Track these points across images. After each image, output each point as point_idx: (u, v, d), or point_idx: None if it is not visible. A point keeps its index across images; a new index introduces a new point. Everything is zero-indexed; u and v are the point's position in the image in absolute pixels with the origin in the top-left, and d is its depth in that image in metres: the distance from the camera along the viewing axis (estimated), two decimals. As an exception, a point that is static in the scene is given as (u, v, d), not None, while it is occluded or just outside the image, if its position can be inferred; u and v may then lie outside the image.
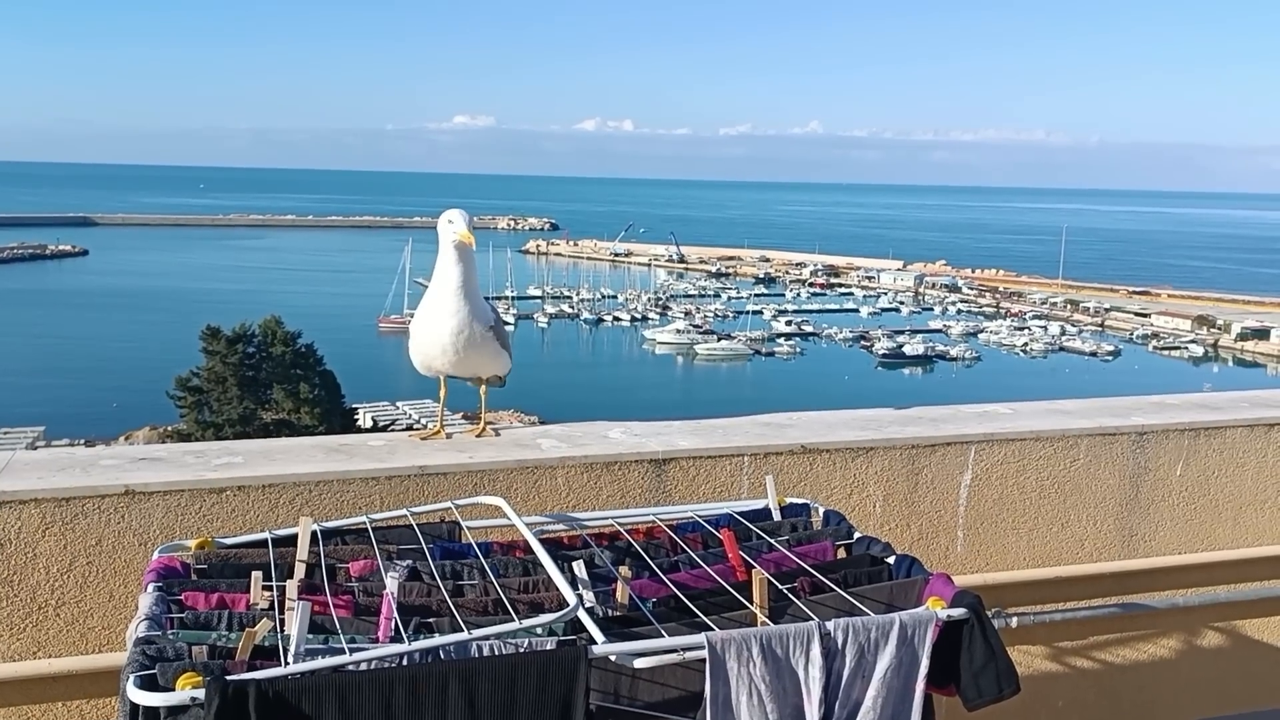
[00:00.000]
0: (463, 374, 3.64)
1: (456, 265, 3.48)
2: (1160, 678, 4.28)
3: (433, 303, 3.51)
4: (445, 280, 3.49)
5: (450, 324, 3.47)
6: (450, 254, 3.48)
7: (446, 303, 3.47)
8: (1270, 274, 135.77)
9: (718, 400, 70.16)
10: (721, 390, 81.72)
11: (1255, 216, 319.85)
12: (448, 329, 3.48)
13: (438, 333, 3.49)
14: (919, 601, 2.67)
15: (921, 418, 4.14)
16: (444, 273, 3.50)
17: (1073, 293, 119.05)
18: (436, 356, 3.54)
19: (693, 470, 3.62)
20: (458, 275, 3.48)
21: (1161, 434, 4.20)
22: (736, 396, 76.38)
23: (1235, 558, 4.32)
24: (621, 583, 2.70)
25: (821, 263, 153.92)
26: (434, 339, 3.51)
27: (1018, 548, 4.05)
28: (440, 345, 3.51)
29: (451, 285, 3.48)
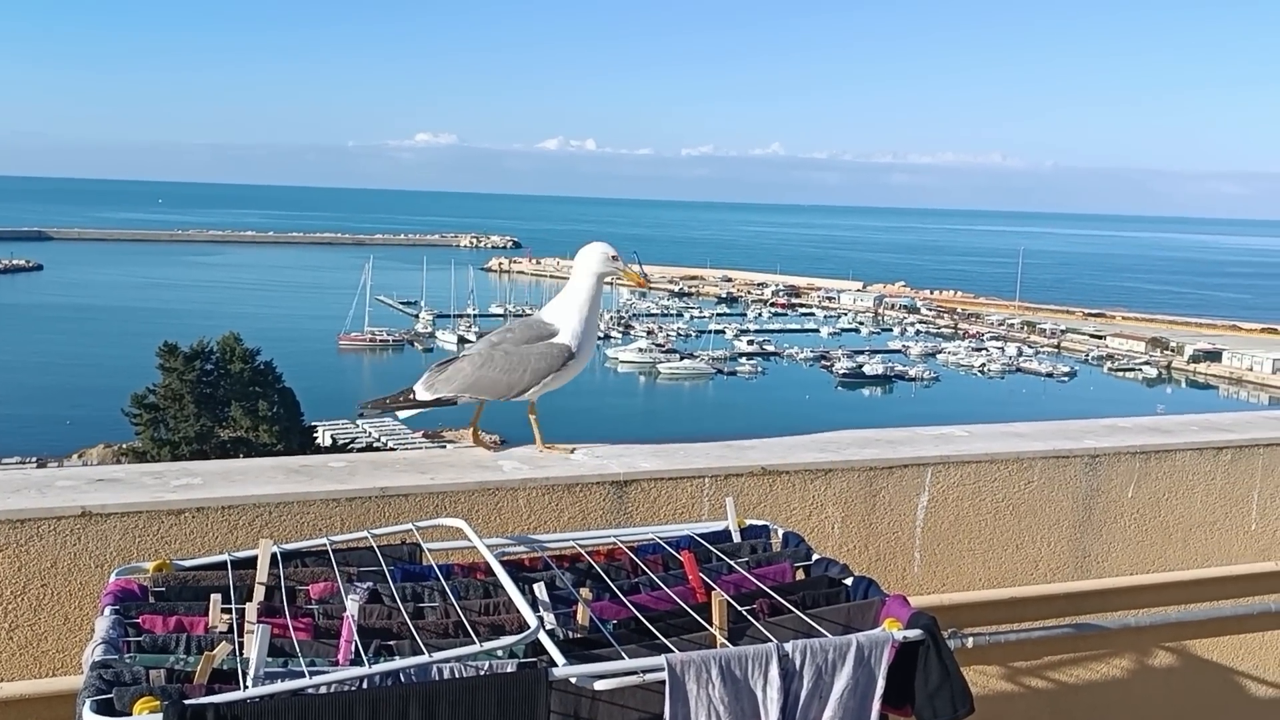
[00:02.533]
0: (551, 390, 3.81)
1: (599, 296, 3.79)
2: (1112, 697, 4.34)
3: (591, 330, 3.75)
4: (596, 309, 3.79)
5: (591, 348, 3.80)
6: (598, 284, 3.76)
7: (595, 330, 3.78)
8: (1222, 297, 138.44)
9: (680, 419, 70.26)
10: (684, 409, 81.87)
11: (1207, 240, 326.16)
12: (590, 351, 3.80)
13: (589, 356, 3.80)
14: (876, 623, 2.71)
15: (879, 440, 4.19)
16: (595, 302, 3.78)
17: (1029, 314, 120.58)
18: (565, 380, 3.79)
19: (654, 492, 3.65)
20: (599, 305, 3.82)
21: (1113, 456, 4.28)
22: (699, 416, 76.56)
23: (1185, 578, 4.41)
24: (582, 605, 2.72)
25: (783, 283, 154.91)
26: (584, 362, 3.80)
27: (973, 568, 4.11)
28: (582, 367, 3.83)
29: (597, 314, 3.80)
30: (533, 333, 3.76)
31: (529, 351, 3.71)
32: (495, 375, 3.71)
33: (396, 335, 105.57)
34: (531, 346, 3.72)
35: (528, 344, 3.73)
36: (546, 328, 3.76)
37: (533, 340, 3.74)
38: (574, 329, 3.72)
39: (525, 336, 3.76)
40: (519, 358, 3.70)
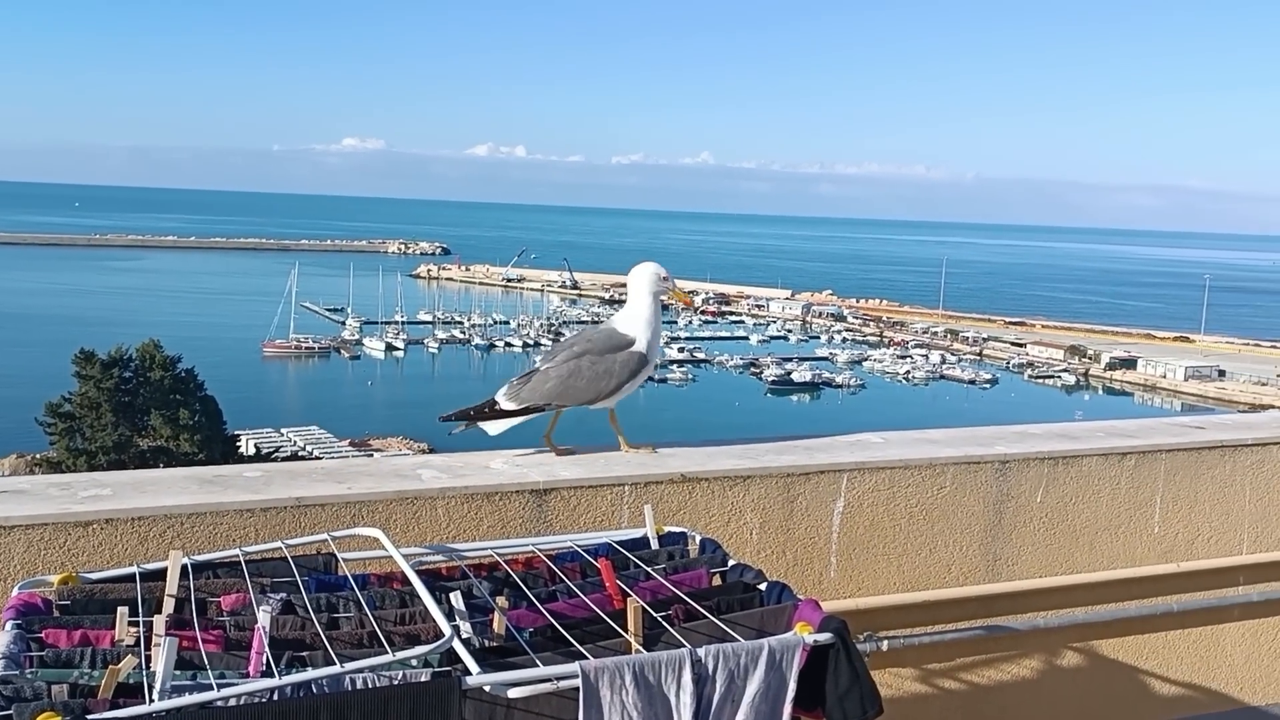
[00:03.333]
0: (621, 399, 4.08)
1: (659, 310, 4.07)
2: (1022, 697, 4.46)
3: (657, 341, 4.04)
4: (659, 322, 4.08)
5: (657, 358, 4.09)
6: (655, 300, 4.03)
7: (660, 339, 4.09)
8: (1136, 306, 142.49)
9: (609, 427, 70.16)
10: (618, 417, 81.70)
11: (1122, 251, 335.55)
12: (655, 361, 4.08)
13: (654, 365, 4.09)
14: (788, 627, 2.75)
15: (797, 447, 4.26)
16: (657, 315, 4.05)
17: (952, 323, 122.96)
18: (639, 385, 4.06)
19: (574, 500, 3.66)
20: (660, 318, 4.10)
21: (1023, 462, 4.40)
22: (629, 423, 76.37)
23: (1092, 580, 4.54)
24: (498, 613, 2.73)
25: (713, 291, 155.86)
26: (652, 370, 4.09)
27: (888, 572, 4.19)
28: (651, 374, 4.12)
29: (660, 326, 4.10)
30: (613, 343, 3.99)
31: (613, 360, 3.94)
32: (583, 384, 3.91)
33: (323, 343, 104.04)
34: (615, 356, 3.95)
35: (610, 353, 3.96)
36: (624, 338, 4.00)
37: (614, 350, 3.97)
38: (647, 339, 4.01)
39: (606, 346, 3.98)
40: (605, 366, 3.93)
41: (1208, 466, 4.75)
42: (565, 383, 3.90)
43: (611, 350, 3.95)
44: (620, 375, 3.93)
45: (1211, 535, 4.79)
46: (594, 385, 3.90)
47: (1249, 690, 4.96)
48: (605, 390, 3.92)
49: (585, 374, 3.91)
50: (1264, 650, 4.97)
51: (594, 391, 3.91)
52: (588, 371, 3.91)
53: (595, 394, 3.92)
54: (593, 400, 3.93)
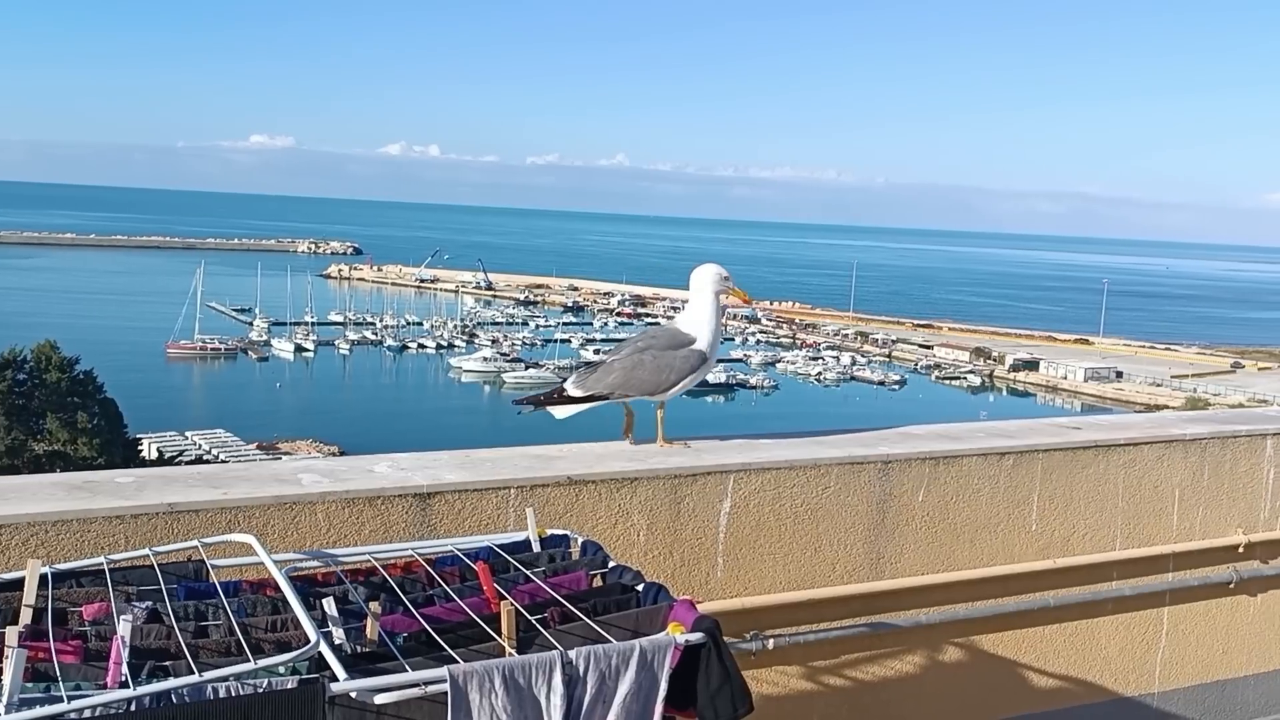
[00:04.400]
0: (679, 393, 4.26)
1: (719, 310, 4.27)
2: (906, 692, 4.56)
3: (717, 340, 4.25)
4: (719, 321, 4.27)
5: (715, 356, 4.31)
6: (716, 300, 4.25)
7: (720, 339, 4.29)
8: (1039, 309, 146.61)
9: (524, 429, 69.93)
10: (528, 420, 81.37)
11: (1025, 255, 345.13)
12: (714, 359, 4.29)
13: (714, 364, 4.33)
14: (663, 627, 2.78)
15: (685, 449, 4.30)
16: (717, 315, 4.26)
17: (863, 325, 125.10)
18: (697, 381, 4.27)
19: (458, 504, 3.65)
20: (720, 317, 4.30)
21: (905, 463, 4.50)
22: (543, 426, 76.11)
23: (972, 577, 4.67)
24: (371, 618, 2.71)
25: (629, 292, 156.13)
26: (710, 368, 4.31)
27: (774, 572, 4.26)
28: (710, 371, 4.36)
29: (720, 325, 4.29)
30: (675, 340, 4.24)
31: (674, 356, 4.18)
32: (645, 376, 4.15)
33: (229, 344, 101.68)
34: (676, 352, 4.20)
35: (672, 350, 4.20)
36: (686, 336, 4.24)
37: (675, 347, 4.22)
38: (707, 338, 4.23)
39: (668, 344, 4.23)
40: (666, 361, 4.17)
41: (1082, 466, 4.92)
42: (629, 374, 4.15)
43: (673, 347, 4.20)
44: (680, 370, 4.17)
45: (1086, 532, 4.96)
46: (655, 378, 4.15)
47: (1122, 681, 5.15)
48: (665, 384, 4.16)
49: (647, 367, 4.16)
50: (1136, 642, 5.17)
51: (654, 384, 4.16)
52: (650, 365, 4.16)
53: (655, 386, 4.16)
54: (653, 392, 4.17)
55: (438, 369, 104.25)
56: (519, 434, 28.87)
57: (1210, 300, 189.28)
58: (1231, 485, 5.33)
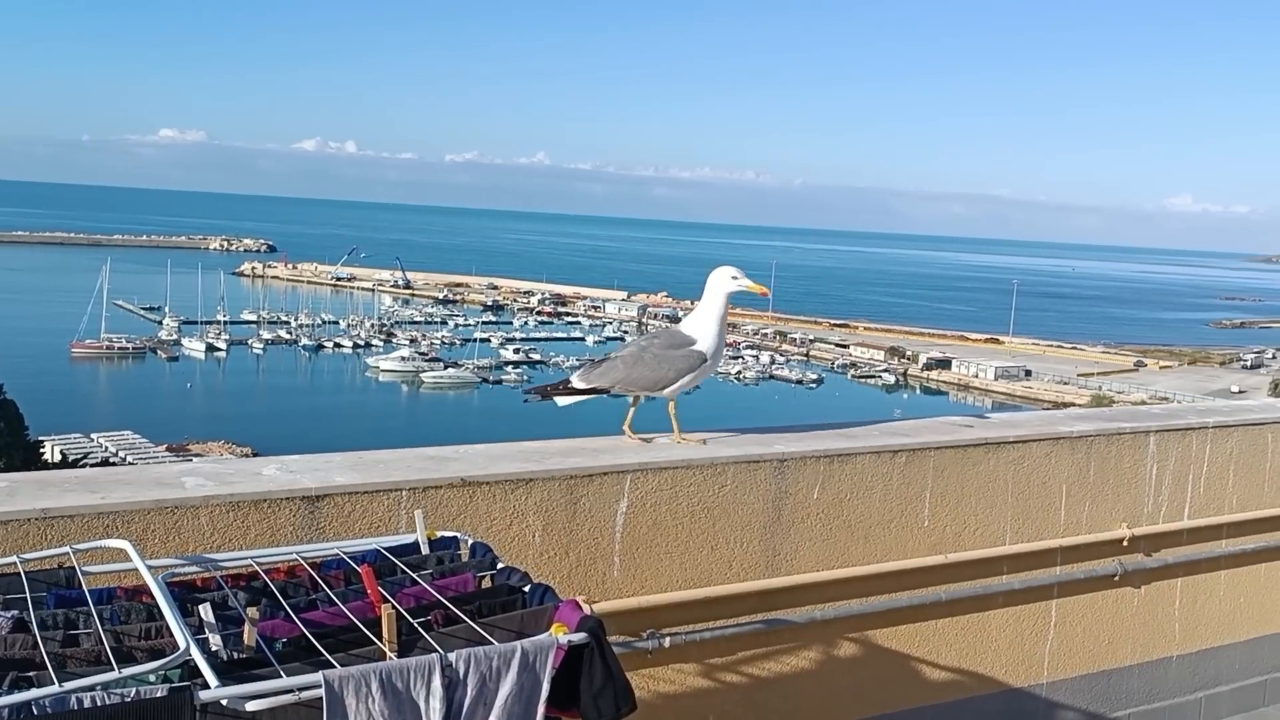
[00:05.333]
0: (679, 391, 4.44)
1: (726, 312, 4.43)
2: (802, 687, 4.63)
3: (721, 341, 4.42)
4: (724, 323, 4.44)
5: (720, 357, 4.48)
6: (726, 301, 4.42)
7: (723, 340, 4.45)
8: (951, 309, 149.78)
9: (443, 430, 69.31)
10: (447, 419, 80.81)
11: (938, 256, 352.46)
12: (719, 360, 4.47)
13: (719, 363, 4.48)
14: (549, 628, 2.78)
15: (584, 448, 4.31)
16: (724, 317, 4.43)
17: (781, 324, 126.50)
18: (701, 380, 4.46)
19: (348, 506, 3.61)
20: (726, 319, 4.46)
21: (800, 461, 4.57)
22: (462, 425, 75.73)
23: (866, 573, 4.75)
24: (249, 624, 2.66)
25: (549, 291, 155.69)
26: (715, 368, 4.50)
27: (671, 571, 4.28)
28: (712, 372, 4.53)
29: (725, 327, 4.45)
30: (675, 340, 4.45)
31: (674, 354, 4.38)
32: (644, 372, 4.36)
33: (137, 343, 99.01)
34: (676, 351, 4.39)
35: (673, 349, 4.40)
36: (687, 337, 4.43)
37: (677, 346, 4.42)
38: (708, 339, 4.40)
39: (669, 343, 4.44)
40: (666, 359, 4.37)
41: (973, 463, 5.04)
42: (629, 371, 4.38)
43: (675, 347, 4.41)
44: (679, 369, 4.35)
45: (977, 528, 5.08)
46: (653, 375, 4.35)
47: (1012, 673, 5.29)
48: (663, 381, 4.36)
49: (647, 364, 4.37)
50: (1025, 634, 5.31)
51: (653, 381, 4.36)
52: (650, 362, 4.37)
53: (654, 384, 4.36)
54: (651, 388, 4.37)
55: (355, 368, 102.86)
56: (440, 431, 28.54)
57: (1114, 301, 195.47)
58: (1116, 481, 5.51)
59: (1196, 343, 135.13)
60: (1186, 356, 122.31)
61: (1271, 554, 6.13)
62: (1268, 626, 6.22)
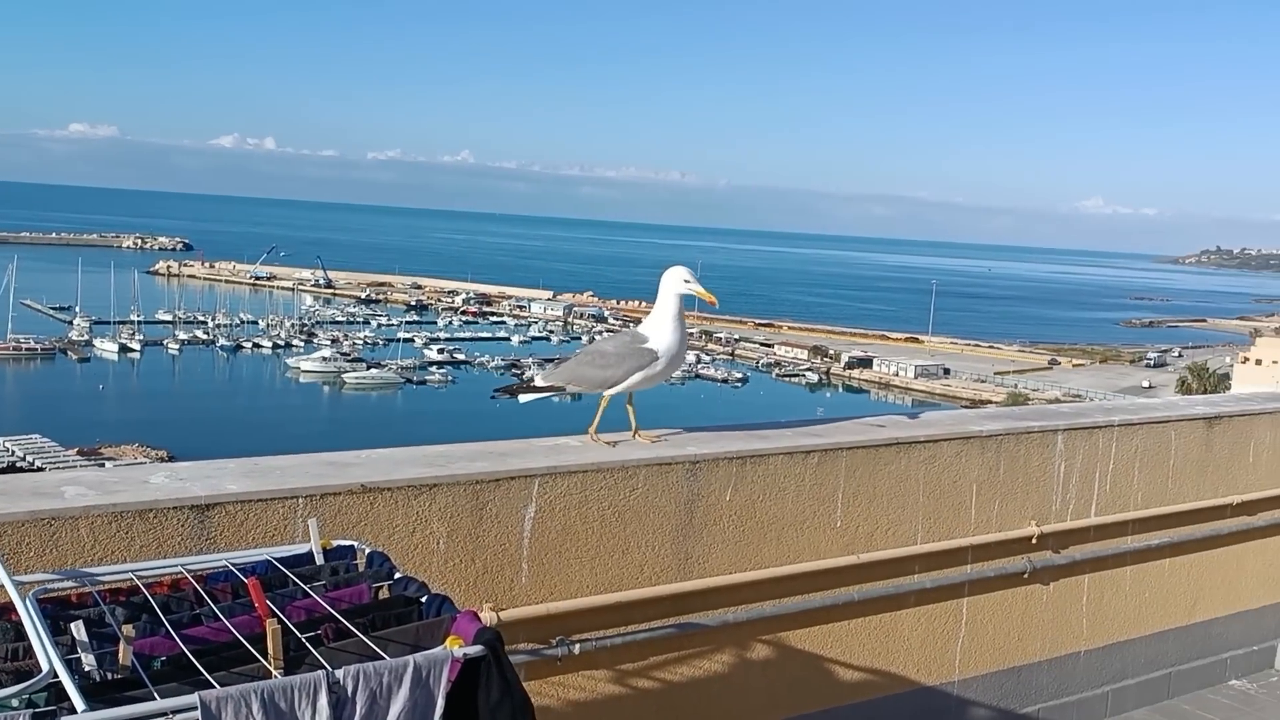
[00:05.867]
0: (644, 388, 4.51)
1: (682, 311, 4.50)
2: (714, 690, 4.59)
3: (678, 339, 4.48)
4: (681, 321, 4.50)
5: (686, 356, 4.67)
6: (679, 301, 4.48)
7: (684, 339, 4.53)
8: (872, 309, 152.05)
9: (365, 430, 68.30)
10: (370, 421, 79.67)
11: (859, 257, 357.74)
12: (684, 359, 4.61)
13: (680, 362, 4.57)
14: (444, 641, 2.69)
15: (490, 452, 4.21)
16: (679, 316, 4.49)
17: (706, 324, 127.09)
18: (661, 379, 4.51)
19: (240, 516, 3.46)
20: (683, 318, 4.53)
21: (713, 462, 4.52)
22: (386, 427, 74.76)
23: (779, 575, 4.73)
24: (124, 642, 2.52)
25: (474, 291, 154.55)
26: (676, 367, 4.56)
27: (581, 576, 4.21)
28: (676, 371, 4.66)
29: (682, 325, 4.52)
30: (629, 340, 4.54)
31: (624, 352, 4.46)
32: (594, 371, 4.46)
33: (46, 344, 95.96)
34: (626, 348, 4.48)
35: (624, 348, 4.50)
36: (640, 336, 4.50)
37: (628, 346, 4.50)
38: (662, 338, 4.45)
39: (622, 343, 4.57)
40: (615, 357, 4.45)
41: (885, 462, 5.05)
42: (578, 369, 4.52)
43: (627, 345, 4.50)
44: (627, 366, 4.41)
45: (889, 527, 5.09)
46: (601, 374, 4.43)
47: (924, 671, 5.32)
48: (612, 379, 4.40)
49: (595, 363, 4.48)
50: (937, 633, 5.34)
51: (601, 379, 4.43)
52: (599, 361, 4.47)
53: (602, 382, 4.42)
54: (600, 386, 4.43)
55: (274, 369, 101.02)
56: (362, 432, 27.97)
57: (1029, 300, 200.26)
58: (1025, 479, 5.57)
59: (1108, 341, 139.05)
60: (1098, 355, 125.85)
61: (1175, 549, 6.26)
62: (1171, 620, 6.36)
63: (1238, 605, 6.70)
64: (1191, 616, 6.46)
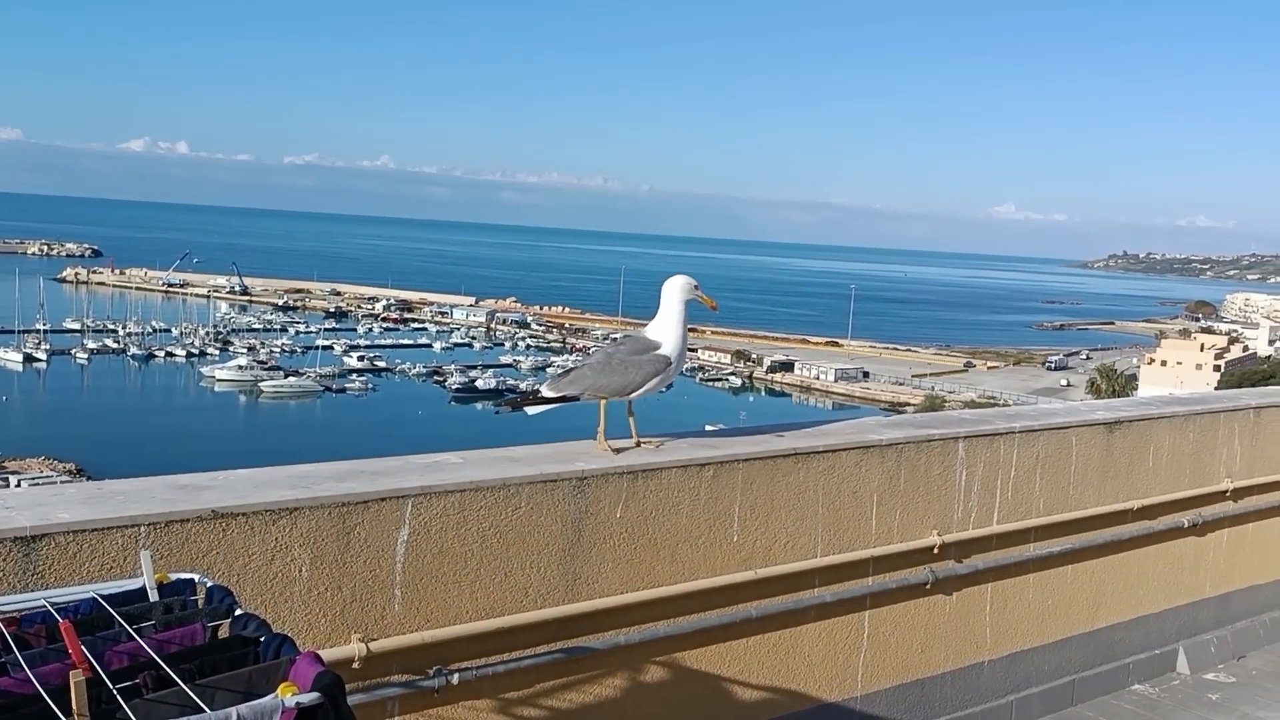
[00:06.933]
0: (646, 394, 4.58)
1: (687, 318, 4.60)
2: (606, 717, 4.36)
3: (684, 345, 4.61)
4: (686, 328, 4.61)
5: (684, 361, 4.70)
6: (685, 308, 4.59)
7: (685, 344, 4.65)
8: (793, 314, 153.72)
9: (284, 441, 66.88)
10: (288, 430, 78.05)
11: (781, 262, 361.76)
12: (683, 364, 4.67)
13: (681, 367, 4.67)
14: (278, 687, 2.44)
15: (361, 472, 3.95)
16: (685, 322, 4.60)
17: (631, 329, 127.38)
18: (667, 383, 4.62)
19: (73, 548, 3.17)
20: (687, 325, 4.63)
21: (601, 478, 4.32)
22: (305, 435, 73.23)
23: (673, 593, 4.54)
24: (-97, 700, 2.23)
25: (394, 297, 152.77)
26: (678, 372, 4.66)
27: (460, 601, 3.97)
28: (676, 376, 4.73)
29: (686, 332, 4.63)
30: (641, 346, 4.59)
31: (640, 359, 4.51)
32: (612, 379, 4.48)
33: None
34: (642, 355, 4.52)
35: (638, 354, 4.53)
36: (652, 342, 4.57)
37: (641, 352, 4.55)
38: (671, 343, 4.55)
39: (635, 349, 4.58)
40: (633, 364, 4.50)
41: (783, 474, 4.90)
42: (596, 377, 4.49)
43: (640, 352, 4.54)
44: (645, 372, 4.49)
45: (788, 541, 4.94)
46: (620, 381, 4.47)
47: (826, 687, 5.17)
48: (630, 386, 4.48)
49: (615, 371, 4.49)
50: (838, 648, 5.20)
51: (620, 386, 4.47)
52: (617, 368, 4.49)
53: (621, 388, 4.48)
54: (619, 393, 4.48)
55: (188, 378, 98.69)
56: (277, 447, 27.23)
57: (945, 305, 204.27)
58: (926, 488, 5.47)
59: (1021, 344, 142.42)
60: (1012, 357, 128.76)
61: (1077, 555, 6.23)
62: (1074, 627, 6.32)
63: (1139, 610, 6.70)
64: (1094, 623, 6.43)
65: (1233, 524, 7.22)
